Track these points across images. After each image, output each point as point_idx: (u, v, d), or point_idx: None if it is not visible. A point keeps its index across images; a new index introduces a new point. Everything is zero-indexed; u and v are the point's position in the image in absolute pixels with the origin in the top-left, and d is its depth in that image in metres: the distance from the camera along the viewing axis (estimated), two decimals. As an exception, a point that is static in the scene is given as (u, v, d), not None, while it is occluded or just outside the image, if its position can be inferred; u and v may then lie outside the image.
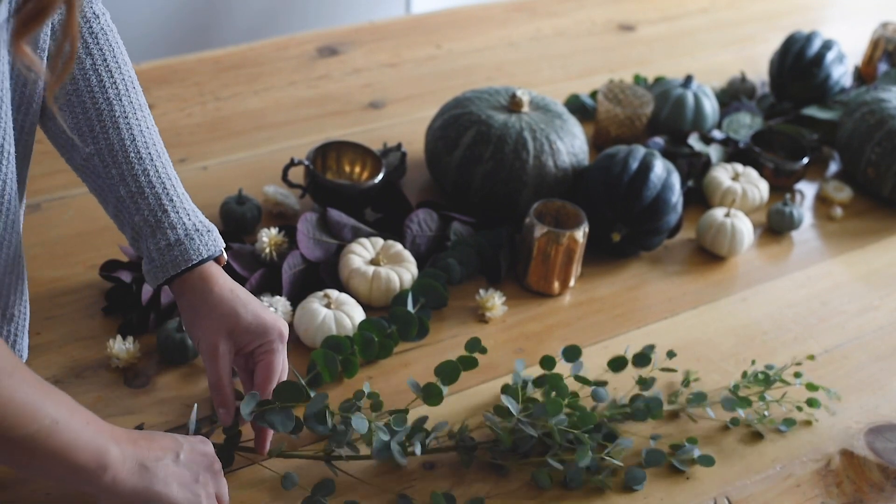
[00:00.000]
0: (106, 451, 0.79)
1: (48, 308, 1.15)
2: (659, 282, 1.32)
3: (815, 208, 1.51)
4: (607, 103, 1.53)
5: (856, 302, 1.33)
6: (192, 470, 0.87)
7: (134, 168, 0.95)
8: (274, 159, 1.43)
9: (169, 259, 0.95)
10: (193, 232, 0.96)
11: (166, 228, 0.95)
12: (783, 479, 1.06)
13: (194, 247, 0.95)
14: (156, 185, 0.96)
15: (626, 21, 1.98)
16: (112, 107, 0.95)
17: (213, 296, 0.95)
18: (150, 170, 0.96)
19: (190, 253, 0.95)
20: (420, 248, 1.27)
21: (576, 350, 1.08)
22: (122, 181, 0.95)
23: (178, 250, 0.95)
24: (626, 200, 1.27)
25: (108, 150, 0.95)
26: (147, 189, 0.95)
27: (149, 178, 0.96)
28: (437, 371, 1.03)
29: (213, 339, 0.95)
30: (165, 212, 0.95)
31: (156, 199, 0.95)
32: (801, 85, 1.65)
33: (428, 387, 1.01)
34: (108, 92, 0.95)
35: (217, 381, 0.95)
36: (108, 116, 0.95)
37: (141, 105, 0.98)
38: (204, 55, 1.67)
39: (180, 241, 0.95)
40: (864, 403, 1.17)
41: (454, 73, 1.72)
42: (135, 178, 0.95)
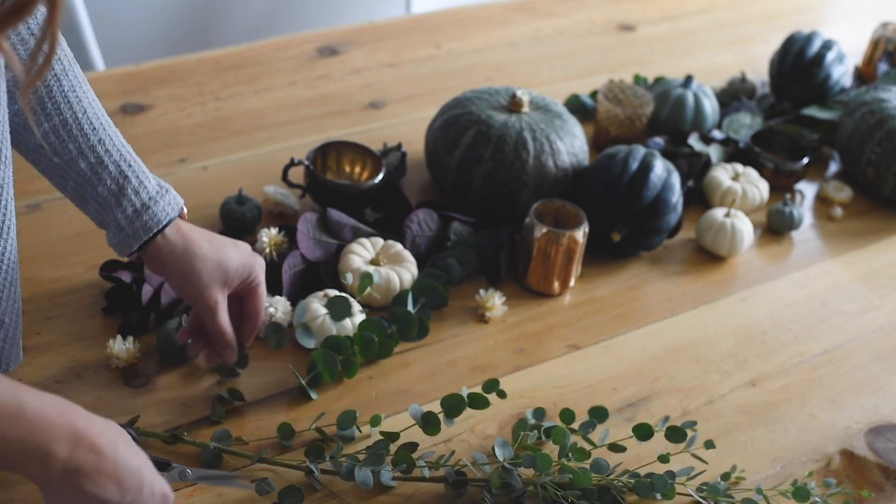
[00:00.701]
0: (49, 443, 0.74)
1: (48, 308, 1.15)
2: (659, 282, 1.32)
3: (815, 208, 1.51)
4: (607, 103, 1.53)
5: (856, 302, 1.33)
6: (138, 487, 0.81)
7: (90, 139, 0.96)
8: (274, 159, 1.43)
9: (139, 224, 0.96)
10: (156, 194, 0.97)
11: (131, 195, 0.96)
12: (783, 479, 1.06)
13: (160, 208, 0.97)
14: (113, 154, 0.96)
15: (626, 21, 1.98)
16: (60, 82, 0.95)
17: (196, 255, 0.97)
18: (105, 139, 0.96)
19: (159, 215, 0.96)
20: (420, 248, 1.27)
21: (602, 412, 1.04)
22: (81, 154, 0.95)
23: (147, 215, 0.96)
24: (626, 200, 1.27)
25: (62, 125, 0.95)
26: (106, 158, 0.96)
27: (105, 147, 0.96)
28: (442, 402, 1.01)
29: (211, 294, 0.98)
30: (127, 178, 0.96)
31: (116, 167, 0.96)
32: (801, 85, 1.65)
33: (427, 416, 1.00)
34: (54, 68, 0.95)
35: (222, 328, 1.00)
36: (58, 92, 0.95)
37: (82, 78, 0.98)
38: (204, 55, 1.67)
39: (146, 206, 0.96)
40: (864, 403, 1.17)
41: (454, 73, 1.72)
42: (92, 149, 0.96)
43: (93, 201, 0.97)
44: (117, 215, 0.96)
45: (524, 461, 0.97)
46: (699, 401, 1.15)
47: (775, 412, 1.14)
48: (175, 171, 1.40)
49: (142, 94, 1.55)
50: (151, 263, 0.99)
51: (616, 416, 1.11)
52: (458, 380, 1.13)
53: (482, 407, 1.01)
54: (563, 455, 0.99)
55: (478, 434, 1.07)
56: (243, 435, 1.02)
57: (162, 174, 1.37)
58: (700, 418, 1.12)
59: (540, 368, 1.17)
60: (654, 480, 0.98)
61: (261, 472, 0.98)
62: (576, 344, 1.21)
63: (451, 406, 1.01)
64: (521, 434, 1.01)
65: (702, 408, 1.14)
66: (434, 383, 1.12)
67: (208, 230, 1.02)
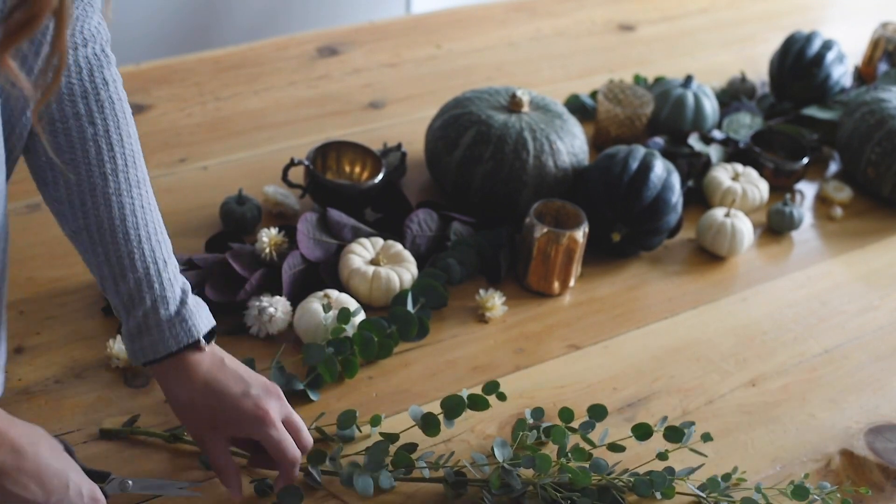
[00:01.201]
0: None
1: (48, 308, 1.15)
2: (659, 282, 1.32)
3: (815, 208, 1.51)
4: (607, 103, 1.53)
5: (856, 302, 1.33)
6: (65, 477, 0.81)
7: (119, 249, 0.91)
8: (274, 159, 1.43)
9: (138, 346, 0.91)
10: (166, 322, 0.91)
11: (139, 316, 0.91)
12: (783, 479, 1.06)
13: (164, 338, 0.90)
14: (139, 270, 0.91)
15: (626, 21, 1.98)
16: (107, 182, 0.90)
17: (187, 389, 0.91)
18: (135, 252, 0.91)
19: (158, 345, 0.91)
20: (420, 248, 1.27)
21: (601, 411, 1.03)
22: (107, 261, 0.91)
23: (148, 340, 0.91)
24: (626, 200, 1.27)
25: (96, 227, 0.90)
26: (130, 273, 0.91)
27: (133, 261, 0.91)
28: (442, 403, 1.01)
29: (197, 432, 0.92)
30: (142, 299, 0.91)
31: (136, 283, 0.91)
32: (801, 85, 1.65)
33: (427, 417, 1.00)
34: (104, 166, 0.90)
35: (215, 465, 0.92)
36: (100, 192, 0.90)
37: (139, 181, 0.93)
38: (204, 55, 1.67)
39: (150, 330, 0.91)
40: (864, 403, 1.17)
41: (454, 73, 1.72)
42: (119, 259, 0.91)
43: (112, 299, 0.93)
44: (128, 324, 0.91)
45: (524, 461, 0.97)
46: (699, 401, 1.15)
47: (775, 412, 1.14)
48: (175, 171, 1.40)
49: (142, 94, 1.55)
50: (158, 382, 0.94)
51: (616, 416, 1.11)
52: (458, 380, 1.13)
53: (482, 409, 1.01)
54: (563, 455, 0.99)
55: (478, 434, 1.06)
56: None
57: (162, 174, 1.37)
58: (700, 418, 1.12)
59: (540, 368, 1.17)
60: (654, 478, 0.98)
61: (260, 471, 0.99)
62: (576, 344, 1.21)
63: (451, 407, 1.01)
64: (521, 434, 1.01)
65: (702, 408, 1.14)
66: (434, 383, 1.12)
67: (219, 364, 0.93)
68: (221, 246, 1.23)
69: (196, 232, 1.28)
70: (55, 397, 1.04)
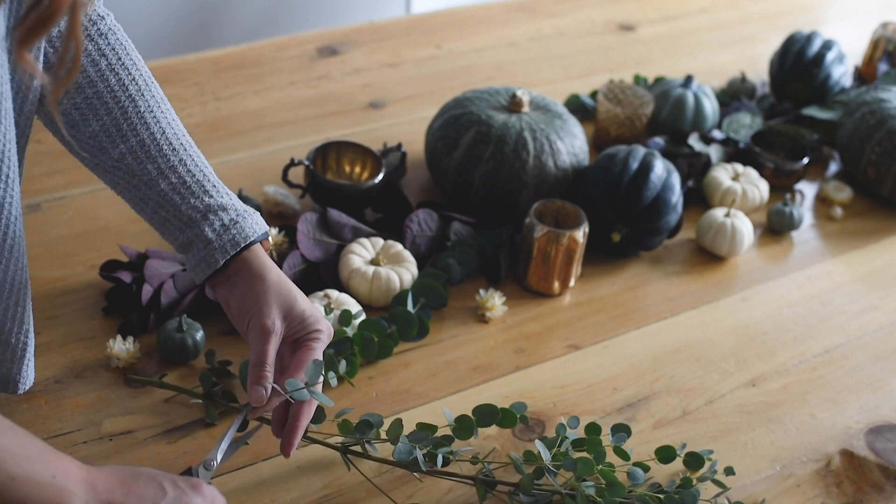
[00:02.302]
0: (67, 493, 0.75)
1: (48, 308, 1.15)
2: (659, 282, 1.32)
3: (815, 208, 1.51)
4: (607, 103, 1.53)
5: (856, 302, 1.33)
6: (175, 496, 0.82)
7: (170, 160, 0.95)
8: (274, 159, 1.43)
9: (227, 238, 0.93)
10: (243, 212, 0.96)
11: (218, 210, 0.95)
12: (783, 479, 1.06)
13: (248, 224, 0.95)
14: (196, 174, 0.96)
15: (626, 21, 1.98)
16: (136, 103, 0.94)
17: (271, 275, 0.93)
18: (186, 160, 0.96)
19: (246, 230, 0.94)
20: (420, 248, 1.27)
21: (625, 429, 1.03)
22: (162, 175, 0.94)
23: (235, 229, 0.94)
24: (626, 200, 1.27)
25: (140, 147, 0.94)
26: (188, 178, 0.95)
27: (187, 167, 0.95)
28: (475, 411, 0.99)
29: (269, 317, 0.91)
30: (212, 197, 0.95)
31: (199, 186, 0.95)
32: (801, 85, 1.65)
33: (461, 419, 0.99)
34: (128, 89, 0.94)
35: (263, 359, 0.90)
36: (133, 113, 0.94)
37: (162, 98, 0.97)
38: (204, 55, 1.67)
39: (235, 221, 0.94)
40: (864, 403, 1.17)
41: (454, 73, 1.72)
42: (173, 169, 0.95)
43: (176, 220, 0.95)
44: (204, 229, 0.94)
45: (565, 464, 0.96)
46: (699, 401, 1.15)
47: (775, 412, 1.14)
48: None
49: (142, 94, 1.55)
50: (222, 287, 0.95)
51: (616, 416, 1.11)
52: (458, 380, 1.13)
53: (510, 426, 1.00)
54: (600, 462, 0.98)
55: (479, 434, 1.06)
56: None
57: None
58: (700, 418, 1.12)
59: (540, 368, 1.17)
60: (684, 496, 0.98)
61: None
62: (576, 344, 1.21)
63: (484, 415, 1.00)
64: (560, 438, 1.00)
65: (702, 408, 1.14)
66: (434, 383, 1.12)
67: None
68: (221, 246, 1.23)
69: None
70: (55, 397, 1.04)
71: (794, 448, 1.10)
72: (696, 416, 1.12)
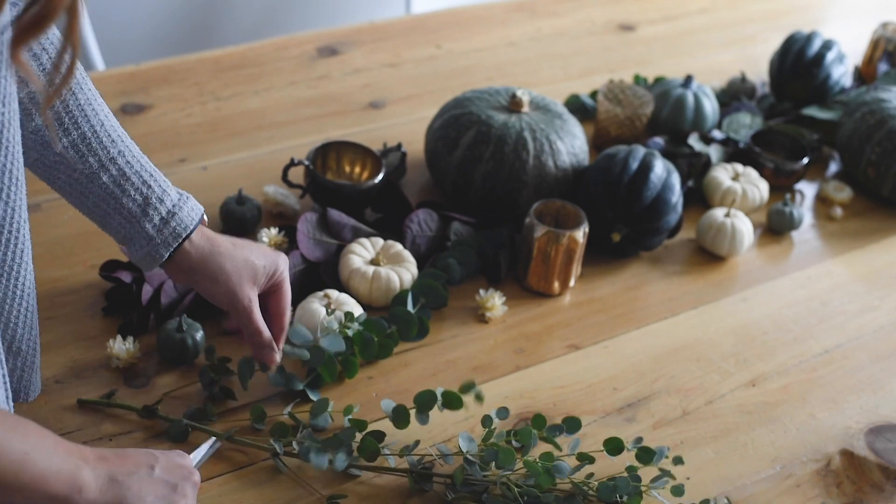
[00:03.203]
0: (78, 473, 0.77)
1: (48, 308, 1.15)
2: (659, 282, 1.32)
3: (815, 208, 1.51)
4: (607, 103, 1.53)
5: (856, 302, 1.33)
6: (168, 481, 0.84)
7: (110, 152, 0.95)
8: (274, 159, 1.43)
9: (168, 232, 0.95)
10: (178, 200, 0.97)
11: (155, 203, 0.96)
12: (783, 479, 1.06)
13: (185, 213, 0.97)
14: (134, 165, 0.96)
15: (626, 21, 1.98)
16: (76, 96, 0.94)
17: (224, 255, 0.97)
18: (124, 151, 0.96)
19: (185, 220, 0.96)
20: (420, 248, 1.27)
21: (575, 423, 1.03)
22: (103, 167, 0.94)
23: (175, 221, 0.96)
24: (626, 200, 1.27)
25: (81, 139, 0.94)
26: (127, 169, 0.95)
27: (126, 158, 0.95)
28: (416, 398, 1.01)
29: (244, 293, 0.98)
30: (150, 187, 0.96)
31: (138, 177, 0.96)
32: (801, 85, 1.65)
33: (398, 409, 1.01)
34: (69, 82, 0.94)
35: (258, 328, 0.99)
36: (74, 106, 0.93)
37: (93, 89, 0.97)
38: (204, 55, 1.67)
39: (172, 213, 0.96)
40: (864, 403, 1.17)
41: (454, 73, 1.72)
42: (113, 161, 0.95)
43: (117, 215, 0.96)
44: (144, 225, 0.95)
45: (487, 455, 0.97)
46: (699, 401, 1.15)
47: (775, 412, 1.14)
48: (175, 171, 1.40)
49: (142, 94, 1.55)
50: (177, 274, 0.99)
51: (616, 416, 1.11)
52: (458, 380, 1.13)
53: (456, 408, 1.00)
54: (526, 454, 0.99)
55: (476, 434, 1.06)
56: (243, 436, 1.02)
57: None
58: (700, 418, 1.12)
59: (540, 368, 1.17)
60: (618, 483, 0.96)
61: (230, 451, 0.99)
62: (576, 344, 1.21)
63: (423, 403, 1.01)
64: (487, 431, 1.01)
65: (702, 408, 1.14)
66: (434, 383, 1.12)
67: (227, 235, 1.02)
68: (221, 246, 1.23)
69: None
70: (55, 397, 1.04)
71: (794, 448, 1.10)
72: (696, 416, 1.12)
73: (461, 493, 0.97)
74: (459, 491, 0.97)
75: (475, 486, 0.97)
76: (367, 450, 0.99)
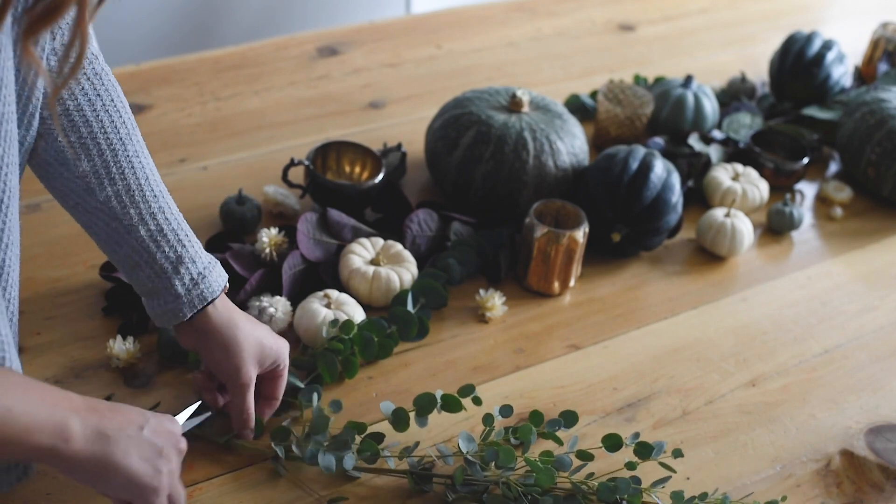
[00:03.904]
0: (65, 423, 0.76)
1: (48, 308, 1.15)
2: (659, 282, 1.32)
3: (815, 208, 1.51)
4: (607, 103, 1.53)
5: (856, 302, 1.33)
6: (155, 444, 0.83)
7: (151, 207, 0.95)
8: (274, 159, 1.43)
9: (196, 293, 0.95)
10: (209, 263, 0.97)
11: (188, 263, 0.96)
12: (783, 479, 1.06)
13: (213, 278, 0.97)
14: (171, 223, 0.96)
15: (626, 21, 1.98)
16: (126, 146, 0.94)
17: (240, 328, 0.97)
18: (164, 208, 0.96)
19: (213, 285, 0.96)
20: (420, 248, 1.27)
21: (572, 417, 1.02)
22: (142, 221, 0.94)
23: (204, 284, 0.96)
24: (626, 200, 1.27)
25: (125, 191, 0.94)
26: (165, 226, 0.95)
27: (164, 215, 0.96)
28: (415, 401, 1.01)
29: (247, 371, 0.97)
30: (185, 247, 0.96)
31: (174, 235, 0.96)
32: (801, 85, 1.65)
33: (397, 412, 1.01)
34: (119, 132, 0.94)
35: (247, 409, 0.99)
36: (122, 157, 0.94)
37: (143, 142, 0.98)
38: (204, 55, 1.67)
39: (202, 275, 0.96)
40: (864, 403, 1.17)
41: (454, 73, 1.72)
42: (153, 216, 0.95)
43: (148, 269, 0.95)
44: (174, 283, 0.95)
45: (487, 454, 0.97)
46: (699, 401, 1.15)
47: (775, 412, 1.14)
48: (175, 171, 1.40)
49: (142, 94, 1.55)
50: (188, 335, 0.98)
51: (616, 416, 1.11)
52: (458, 380, 1.13)
53: (455, 410, 1.00)
54: (526, 451, 0.99)
55: (476, 434, 1.06)
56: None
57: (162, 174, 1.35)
58: (700, 418, 1.12)
59: (540, 368, 1.17)
60: (619, 484, 0.96)
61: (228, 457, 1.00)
62: (576, 344, 1.21)
63: (423, 405, 1.01)
64: (487, 429, 1.00)
65: (702, 408, 1.14)
66: (434, 383, 1.12)
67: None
68: (221, 246, 1.23)
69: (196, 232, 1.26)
70: (55, 397, 1.04)
71: (794, 448, 1.10)
72: (696, 416, 1.12)
73: (461, 493, 0.97)
74: (459, 491, 0.97)
75: (475, 487, 0.97)
76: (366, 451, 0.99)
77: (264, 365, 1.00)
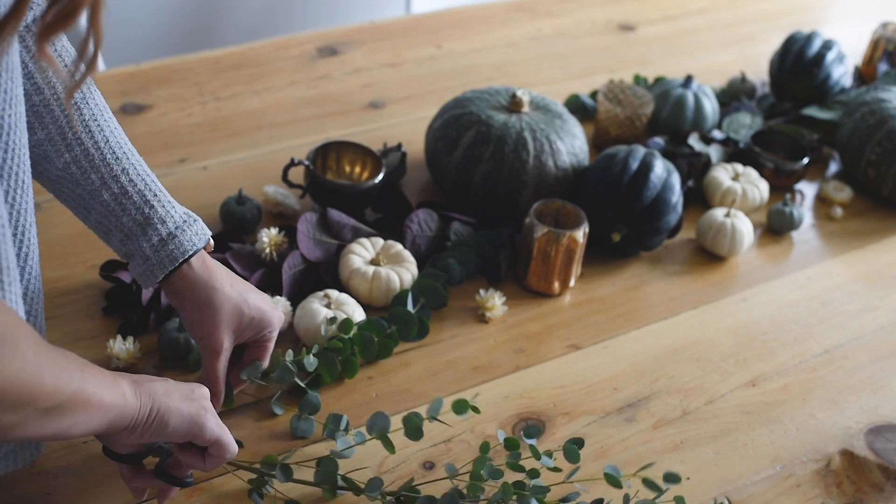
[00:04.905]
0: (116, 384, 0.80)
1: (48, 308, 1.14)
2: (659, 282, 1.32)
3: (815, 208, 1.51)
4: (607, 103, 1.53)
5: (856, 302, 1.33)
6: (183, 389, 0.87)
7: (113, 169, 0.94)
8: (274, 159, 1.43)
9: (165, 254, 0.94)
10: (182, 223, 0.96)
11: (156, 224, 0.95)
12: (783, 479, 1.06)
13: (187, 237, 0.95)
14: (137, 183, 0.95)
15: (626, 21, 1.98)
16: (81, 111, 0.93)
17: (217, 291, 0.95)
18: (128, 169, 0.95)
19: (185, 245, 0.95)
20: (420, 248, 1.27)
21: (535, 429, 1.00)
22: (104, 185, 0.94)
23: (173, 244, 0.94)
24: (626, 200, 1.27)
25: (83, 156, 0.93)
26: (130, 188, 0.94)
27: (129, 177, 0.95)
28: (404, 420, 0.97)
29: (219, 336, 0.96)
30: (153, 207, 0.95)
31: (140, 196, 0.95)
32: (801, 85, 1.65)
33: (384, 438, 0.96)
34: (73, 97, 0.93)
35: (215, 376, 0.97)
36: (78, 121, 0.93)
37: (104, 106, 0.96)
38: (204, 55, 1.67)
39: (173, 235, 0.95)
40: (864, 403, 1.17)
41: (454, 73, 1.72)
42: (115, 179, 0.94)
43: (117, 232, 0.95)
44: (142, 245, 0.94)
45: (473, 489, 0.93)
46: (699, 401, 1.15)
47: (775, 412, 1.14)
48: (175, 171, 1.40)
49: (142, 94, 1.55)
50: (171, 295, 0.98)
51: (616, 416, 1.11)
52: (458, 380, 1.13)
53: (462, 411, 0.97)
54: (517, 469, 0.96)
55: (477, 434, 1.06)
56: (242, 436, 1.02)
57: (162, 174, 1.37)
58: (700, 418, 1.12)
59: (540, 368, 1.17)
60: None
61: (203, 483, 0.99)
62: (576, 344, 1.21)
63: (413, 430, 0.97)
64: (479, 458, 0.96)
65: (702, 408, 1.14)
66: (434, 383, 1.12)
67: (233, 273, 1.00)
68: (221, 246, 1.23)
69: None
70: (55, 397, 1.04)
71: (794, 448, 1.10)
72: (696, 416, 1.12)
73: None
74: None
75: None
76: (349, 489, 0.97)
77: (243, 334, 0.98)
